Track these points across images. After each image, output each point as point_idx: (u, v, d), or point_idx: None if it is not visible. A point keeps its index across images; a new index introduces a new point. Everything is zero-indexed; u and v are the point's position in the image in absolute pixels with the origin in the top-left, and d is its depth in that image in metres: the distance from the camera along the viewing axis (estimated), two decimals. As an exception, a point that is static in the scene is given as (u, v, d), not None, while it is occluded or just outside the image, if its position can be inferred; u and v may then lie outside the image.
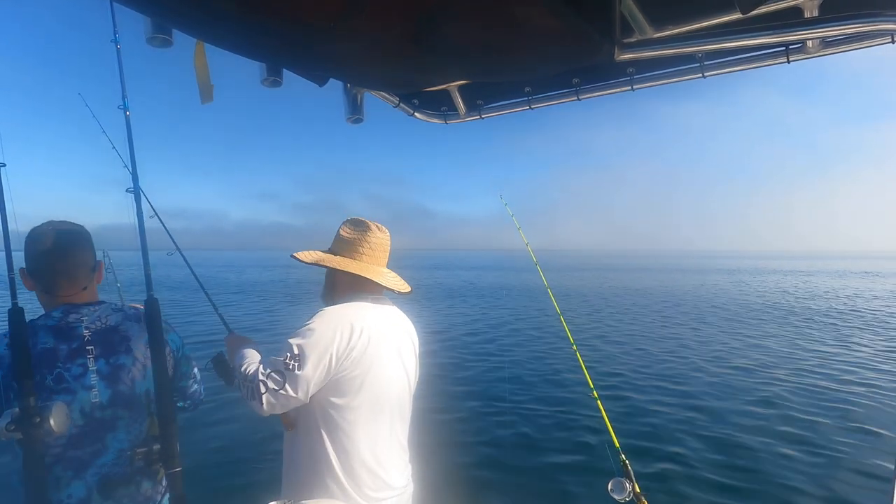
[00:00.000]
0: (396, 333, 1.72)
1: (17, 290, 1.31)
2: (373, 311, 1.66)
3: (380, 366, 1.60)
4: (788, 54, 1.46)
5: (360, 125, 2.00)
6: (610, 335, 12.20)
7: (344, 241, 1.73)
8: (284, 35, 1.20)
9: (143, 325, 1.48)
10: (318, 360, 1.48)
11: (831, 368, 8.73)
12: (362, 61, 1.40)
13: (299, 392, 1.47)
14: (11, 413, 1.19)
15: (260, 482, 4.10)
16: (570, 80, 1.77)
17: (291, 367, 1.46)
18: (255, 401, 1.48)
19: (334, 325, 1.53)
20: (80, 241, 1.51)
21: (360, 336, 1.55)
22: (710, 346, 10.85)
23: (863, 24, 1.04)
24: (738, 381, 8.03)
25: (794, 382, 7.82)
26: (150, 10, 1.20)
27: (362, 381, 1.56)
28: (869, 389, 7.37)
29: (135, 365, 1.46)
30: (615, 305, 18.92)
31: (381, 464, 1.61)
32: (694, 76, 1.60)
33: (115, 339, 1.45)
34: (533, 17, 1.10)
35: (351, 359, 1.53)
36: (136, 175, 1.47)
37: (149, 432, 1.43)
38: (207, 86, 1.48)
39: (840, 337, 11.84)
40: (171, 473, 1.37)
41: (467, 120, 2.08)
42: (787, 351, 10.30)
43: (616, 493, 2.07)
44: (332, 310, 1.61)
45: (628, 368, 8.74)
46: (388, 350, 1.65)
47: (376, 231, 1.73)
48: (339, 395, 1.55)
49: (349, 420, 1.55)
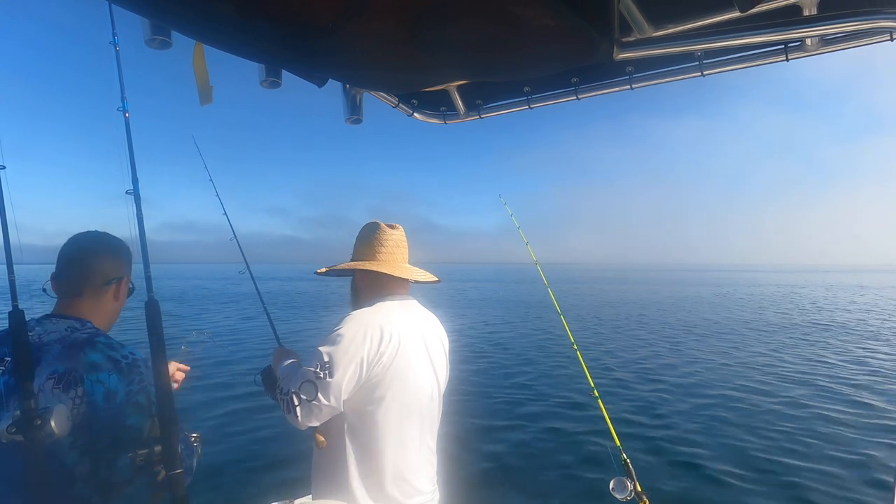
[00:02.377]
0: (426, 335, 1.68)
1: (17, 293, 1.31)
2: (401, 313, 1.62)
3: (410, 370, 1.57)
4: (787, 52, 1.46)
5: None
6: (611, 336, 12.19)
7: (360, 246, 1.72)
8: (283, 36, 1.20)
9: (67, 352, 1.30)
10: (349, 365, 1.45)
11: (831, 379, 8.74)
12: (361, 62, 1.39)
13: (332, 399, 1.44)
14: (13, 415, 1.19)
15: (291, 479, 4.14)
16: (569, 80, 1.77)
17: (322, 375, 1.44)
18: (290, 414, 1.46)
19: (363, 329, 1.50)
20: (81, 245, 1.47)
21: (389, 339, 1.51)
22: (714, 349, 10.85)
23: (862, 21, 1.04)
24: (741, 380, 8.02)
25: (799, 386, 7.82)
26: (149, 11, 1.20)
27: (392, 386, 1.52)
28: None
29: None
30: (619, 310, 18.92)
31: (410, 469, 1.58)
32: (693, 75, 1.60)
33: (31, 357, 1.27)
34: (531, 16, 1.10)
35: (381, 364, 1.50)
36: (135, 178, 1.47)
37: (149, 434, 1.43)
38: (207, 87, 1.48)
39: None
40: (173, 475, 1.36)
41: (466, 120, 2.08)
42: (784, 357, 10.30)
43: (617, 491, 2.07)
44: (360, 313, 1.57)
45: (629, 369, 8.73)
46: (418, 353, 1.61)
47: (387, 229, 1.71)
48: (368, 401, 1.52)
49: (378, 426, 1.53)
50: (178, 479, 1.37)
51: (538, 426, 5.87)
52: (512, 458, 5.02)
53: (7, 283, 1.31)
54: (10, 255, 1.32)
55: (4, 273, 1.33)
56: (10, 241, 1.32)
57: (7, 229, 1.32)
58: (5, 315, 1.31)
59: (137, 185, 1.41)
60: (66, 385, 1.29)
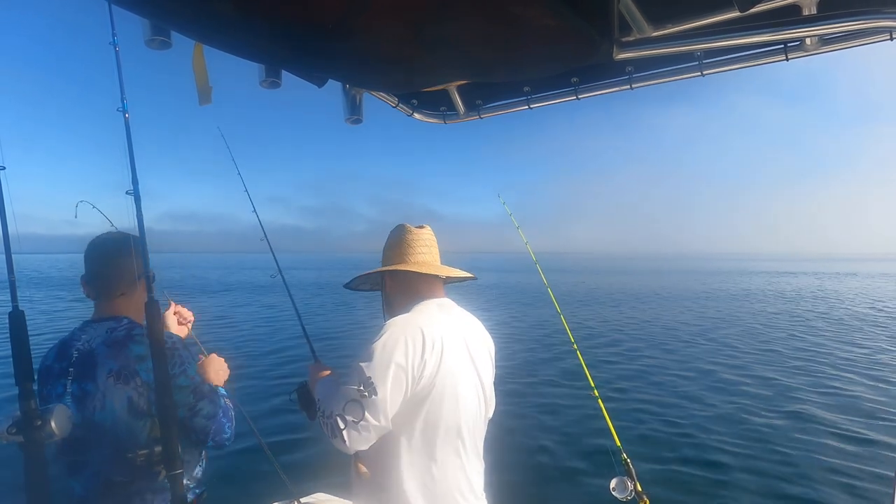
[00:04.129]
0: (469, 339, 1.55)
1: (17, 293, 1.31)
2: (442, 318, 1.51)
3: (455, 378, 1.45)
4: (787, 52, 1.46)
5: (362, 129, 2.01)
6: (610, 333, 12.19)
7: (388, 251, 1.64)
8: (283, 37, 1.20)
9: (114, 351, 1.43)
10: (393, 378, 1.34)
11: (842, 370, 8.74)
12: (361, 62, 1.39)
13: (381, 418, 1.33)
14: (13, 416, 1.19)
15: (296, 476, 4.14)
16: (569, 80, 1.77)
17: (366, 393, 1.32)
18: (336, 438, 1.35)
19: (403, 337, 1.38)
20: (107, 248, 1.54)
21: (433, 346, 1.40)
22: (717, 347, 10.85)
23: (861, 21, 1.04)
24: (742, 380, 8.03)
25: (796, 386, 7.83)
26: (149, 12, 1.20)
27: (437, 396, 1.41)
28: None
29: (95, 394, 1.42)
30: (616, 303, 18.91)
31: (456, 484, 1.48)
32: (693, 74, 1.60)
33: (88, 363, 1.44)
34: (531, 16, 1.10)
35: (427, 373, 1.38)
36: (135, 178, 1.47)
37: (150, 434, 1.43)
38: (206, 88, 1.48)
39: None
40: (173, 475, 1.36)
41: (466, 120, 2.08)
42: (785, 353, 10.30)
43: (618, 491, 2.07)
44: (398, 320, 1.45)
45: (630, 368, 8.74)
46: (462, 358, 1.49)
47: (414, 229, 1.63)
48: (412, 414, 1.40)
49: (423, 439, 1.42)
50: (179, 479, 1.37)
51: (536, 426, 5.87)
52: (508, 458, 5.02)
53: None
54: (10, 258, 1.32)
55: (10, 269, 1.34)
56: (10, 240, 1.32)
57: (7, 230, 1.32)
58: (6, 313, 1.31)
59: (137, 186, 1.41)
60: (125, 379, 1.41)
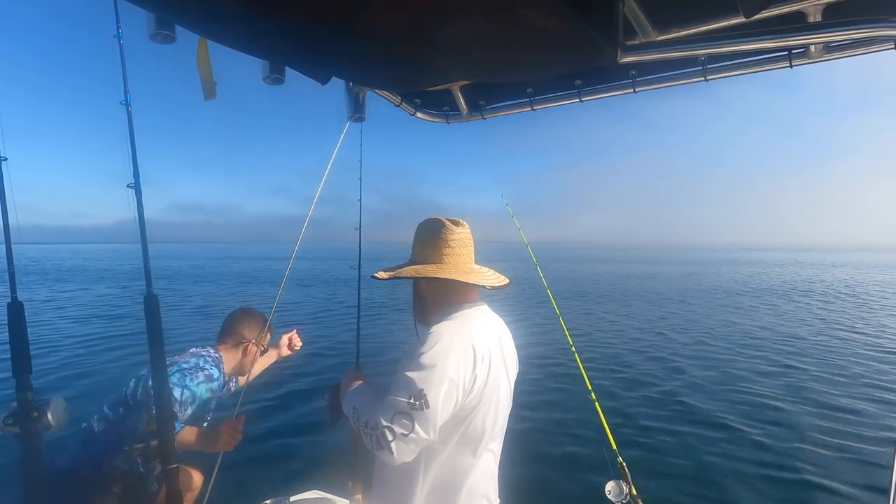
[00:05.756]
0: (504, 347, 1.52)
1: (16, 285, 1.31)
2: (486, 328, 1.47)
3: (497, 391, 1.44)
4: (791, 59, 1.46)
5: (364, 122, 2.01)
6: (607, 330, 12.19)
7: (422, 248, 1.54)
8: (288, 33, 1.20)
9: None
10: (445, 392, 1.30)
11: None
12: (365, 60, 1.39)
13: (430, 432, 1.29)
14: (10, 408, 1.19)
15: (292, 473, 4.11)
16: (573, 82, 1.77)
17: (418, 405, 1.27)
18: (383, 450, 1.30)
19: (454, 349, 1.33)
20: (236, 320, 2.40)
21: (482, 360, 1.37)
22: (711, 344, 10.84)
23: (865, 29, 1.04)
24: (739, 375, 8.02)
25: (797, 379, 7.82)
26: (154, 6, 1.20)
27: (481, 409, 1.39)
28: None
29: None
30: (611, 295, 18.90)
31: (482, 491, 1.47)
32: (696, 79, 1.60)
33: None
34: (536, 18, 1.10)
35: (476, 388, 1.36)
36: (137, 171, 1.47)
37: (146, 428, 1.43)
38: (210, 82, 1.48)
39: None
40: (168, 469, 1.37)
41: (469, 120, 2.09)
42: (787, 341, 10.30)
43: (613, 495, 2.07)
44: (446, 331, 1.38)
45: (631, 368, 8.73)
46: (501, 373, 1.46)
47: (452, 227, 1.53)
48: (454, 427, 1.38)
49: (460, 449, 1.40)
50: (174, 473, 1.37)
51: (533, 427, 5.87)
52: (506, 457, 5.02)
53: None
54: (10, 250, 1.32)
55: (14, 262, 1.34)
56: (10, 235, 1.32)
57: (7, 220, 1.32)
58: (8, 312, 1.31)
59: (139, 179, 1.42)
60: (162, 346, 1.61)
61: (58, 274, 30.18)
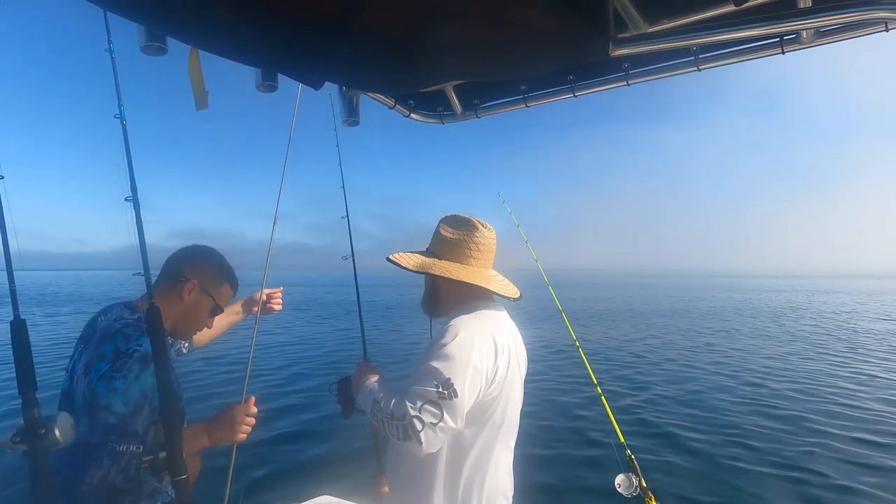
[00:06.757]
0: (518, 348, 1.55)
1: (18, 303, 1.31)
2: (503, 324, 1.51)
3: (514, 386, 1.47)
4: (783, 45, 1.46)
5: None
6: (617, 334, 12.19)
7: (447, 243, 1.52)
8: (279, 39, 1.20)
9: (98, 341, 1.50)
10: (471, 381, 1.32)
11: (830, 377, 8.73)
12: (358, 63, 1.39)
13: (458, 421, 1.31)
14: (17, 425, 1.19)
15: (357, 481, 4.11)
16: (566, 77, 1.77)
17: (446, 394, 1.30)
18: (411, 440, 1.31)
19: (477, 341, 1.37)
20: (176, 255, 1.68)
21: (502, 352, 1.41)
22: (718, 346, 10.85)
23: (857, 12, 1.04)
24: (743, 377, 8.02)
25: (798, 382, 7.83)
26: (144, 18, 1.20)
27: (500, 403, 1.42)
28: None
29: (74, 377, 1.50)
30: (621, 310, 18.91)
31: (501, 488, 1.48)
32: (689, 70, 1.60)
33: (87, 336, 1.54)
34: (528, 15, 1.10)
35: (497, 380, 1.39)
36: (134, 185, 1.47)
37: (154, 440, 1.43)
38: (203, 93, 1.48)
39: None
40: (178, 481, 1.37)
41: (463, 119, 2.08)
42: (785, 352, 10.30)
43: (623, 488, 2.07)
44: (468, 324, 1.42)
45: (635, 367, 8.74)
46: (515, 369, 1.49)
47: (483, 230, 1.53)
48: (474, 420, 1.39)
49: (479, 445, 1.42)
50: (184, 485, 1.37)
51: (541, 423, 5.87)
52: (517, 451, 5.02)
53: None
54: (11, 265, 1.32)
55: (10, 278, 1.34)
56: (10, 250, 1.32)
57: (7, 239, 1.32)
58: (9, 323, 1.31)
59: (136, 192, 1.41)
60: (85, 372, 1.45)
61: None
